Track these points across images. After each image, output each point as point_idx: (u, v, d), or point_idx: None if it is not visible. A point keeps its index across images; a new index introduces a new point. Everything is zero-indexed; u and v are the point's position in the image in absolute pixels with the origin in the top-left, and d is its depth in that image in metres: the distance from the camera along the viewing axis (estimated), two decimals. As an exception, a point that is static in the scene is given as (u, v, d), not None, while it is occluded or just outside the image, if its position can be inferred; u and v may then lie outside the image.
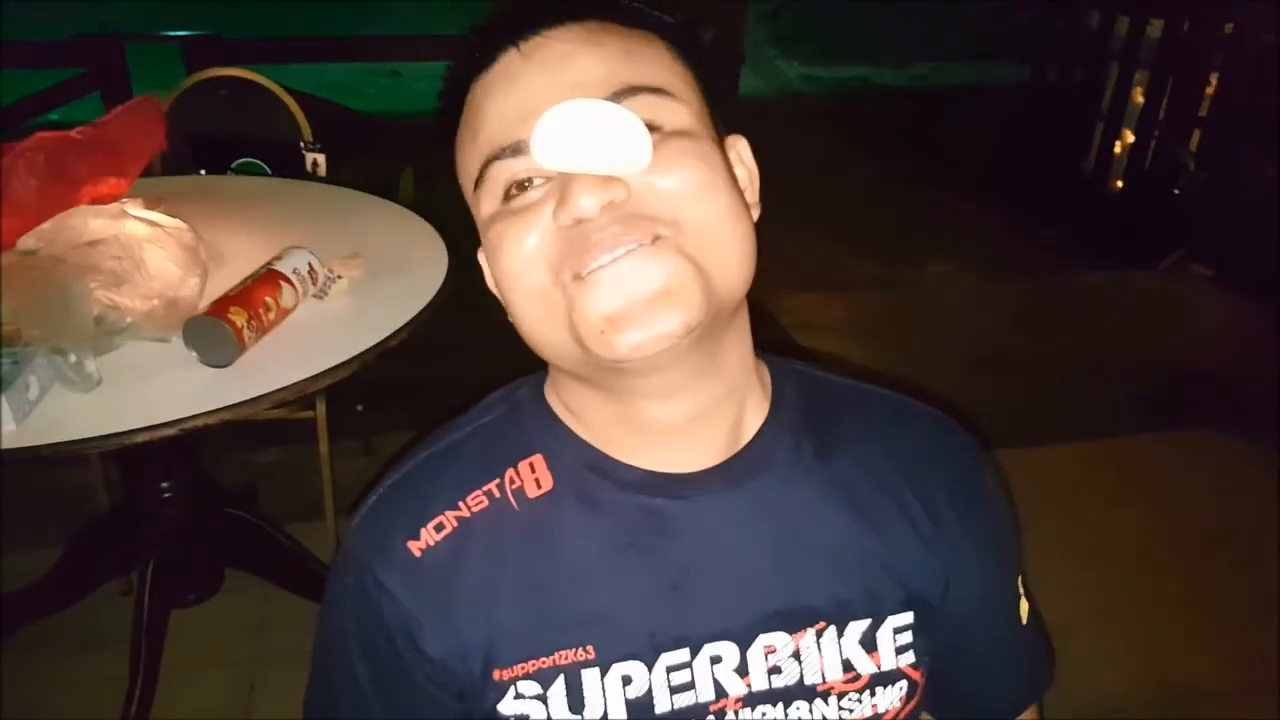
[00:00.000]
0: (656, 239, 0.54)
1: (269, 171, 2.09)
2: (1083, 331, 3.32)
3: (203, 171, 2.06)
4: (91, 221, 1.28)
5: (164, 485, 1.63)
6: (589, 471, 0.64)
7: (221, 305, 1.25)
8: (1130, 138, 4.30)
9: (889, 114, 6.40)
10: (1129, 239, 4.03)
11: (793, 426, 0.67)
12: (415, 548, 0.63)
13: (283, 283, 1.34)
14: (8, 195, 1.54)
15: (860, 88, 7.27)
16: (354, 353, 1.30)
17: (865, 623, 0.65)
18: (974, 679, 0.74)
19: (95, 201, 1.59)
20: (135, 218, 1.30)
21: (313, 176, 2.06)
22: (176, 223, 1.34)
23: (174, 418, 1.13)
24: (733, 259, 0.57)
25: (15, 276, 1.26)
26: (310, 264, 1.40)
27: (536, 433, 0.66)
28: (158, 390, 1.21)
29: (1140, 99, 4.23)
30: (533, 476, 0.64)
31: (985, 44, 6.61)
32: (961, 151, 5.00)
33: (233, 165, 2.09)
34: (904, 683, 0.66)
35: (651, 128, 0.55)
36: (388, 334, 1.35)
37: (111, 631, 1.71)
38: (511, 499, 0.64)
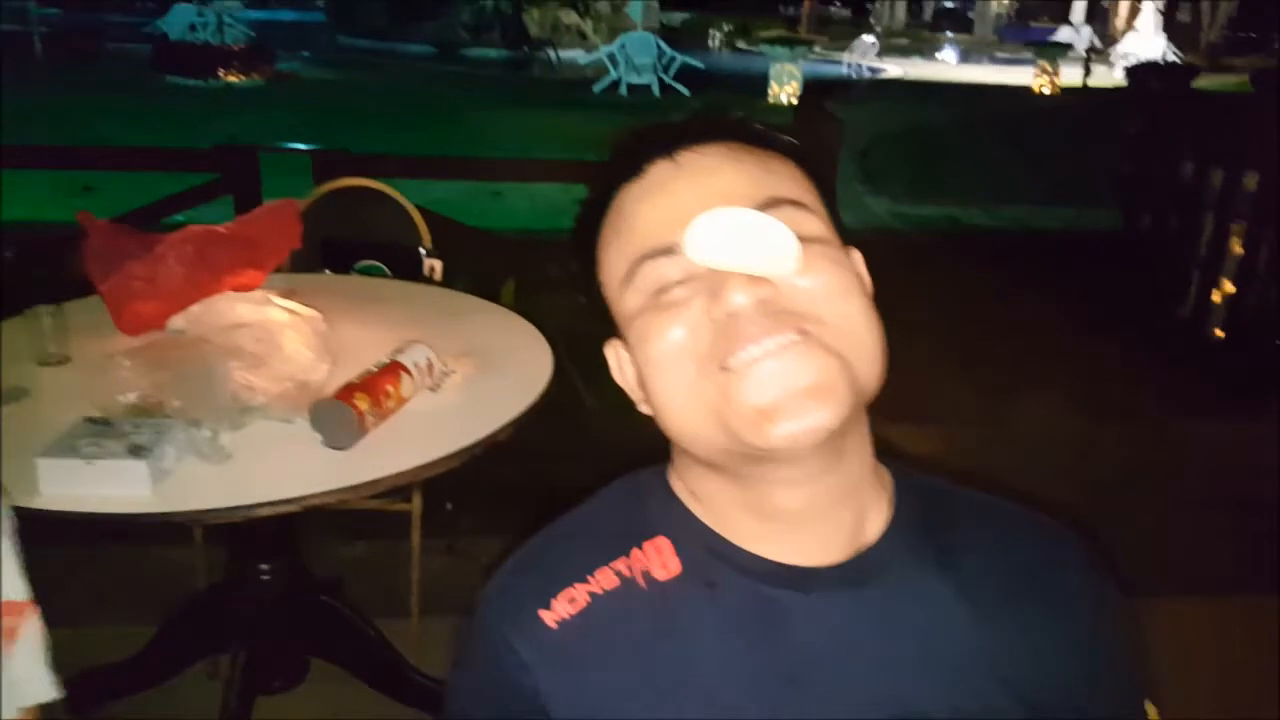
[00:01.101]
0: (804, 333, 0.58)
1: (389, 273, 2.21)
2: (1187, 480, 3.19)
3: (328, 270, 2.20)
4: (237, 306, 1.38)
5: (263, 568, 1.67)
6: (712, 556, 0.65)
7: (347, 391, 1.31)
8: (1229, 287, 4.23)
9: (980, 253, 6.43)
10: (1230, 389, 3.91)
11: (915, 531, 0.67)
12: (547, 618, 0.65)
13: (403, 373, 1.41)
14: (159, 281, 1.68)
15: (950, 227, 7.35)
16: (465, 444, 1.34)
17: None
18: None
19: (217, 292, 1.71)
20: (276, 305, 1.39)
21: (429, 280, 2.18)
22: (311, 312, 1.43)
23: (296, 494, 1.18)
24: (870, 356, 0.61)
25: (164, 353, 1.36)
26: (428, 358, 1.47)
27: (661, 514, 0.69)
28: (281, 467, 1.27)
29: (1238, 249, 4.18)
30: (659, 558, 0.66)
31: (1077, 189, 6.66)
32: (1056, 294, 4.98)
33: (356, 266, 2.23)
34: None
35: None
36: (496, 428, 1.40)
37: (196, 714, 1.72)
38: (640, 579, 0.65)
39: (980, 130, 9.94)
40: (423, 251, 2.20)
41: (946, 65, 18.94)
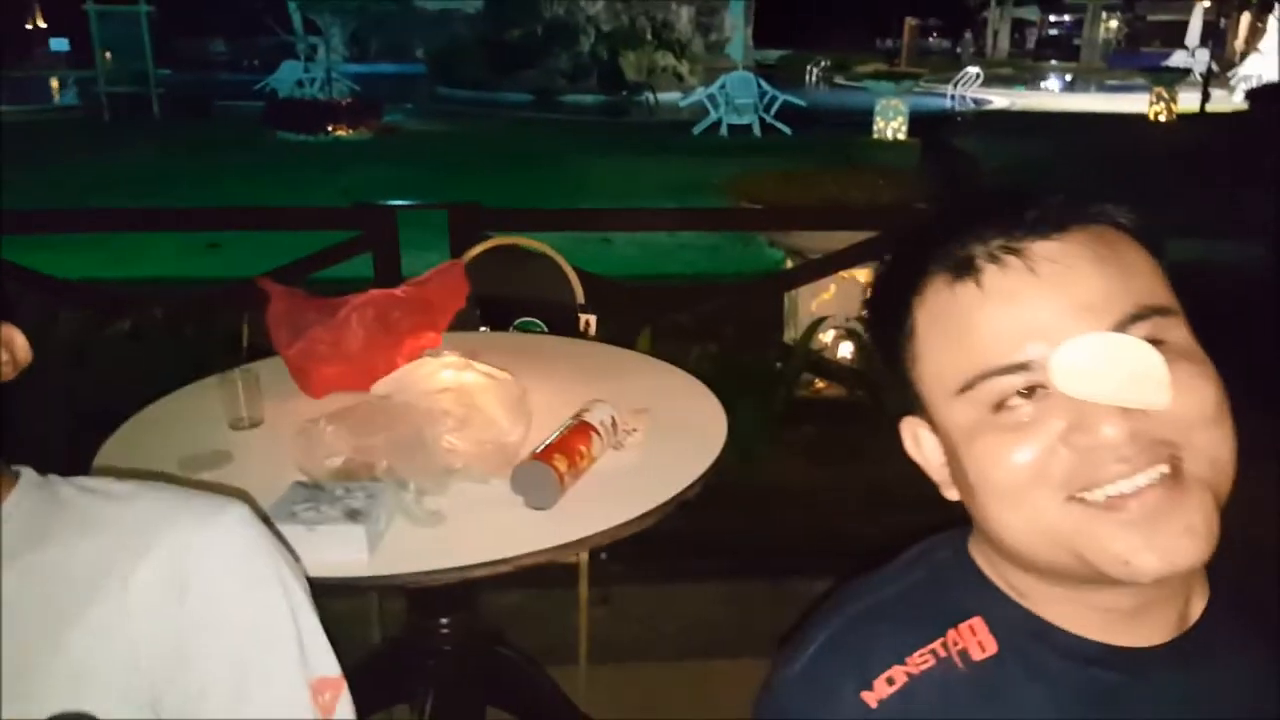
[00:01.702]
0: (1174, 467, 0.55)
1: (546, 330, 2.28)
2: None
3: (485, 329, 2.27)
4: (440, 372, 1.43)
5: (444, 621, 1.71)
6: (1034, 640, 0.63)
7: (546, 452, 1.35)
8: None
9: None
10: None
11: (1232, 603, 0.65)
12: (870, 699, 0.64)
13: (593, 433, 1.44)
14: (342, 345, 1.76)
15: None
16: (659, 501, 1.36)
17: None
18: None
19: (413, 353, 1.79)
20: (474, 368, 1.44)
21: (584, 335, 2.23)
22: (506, 375, 1.48)
23: (509, 555, 1.22)
24: (1232, 472, 0.58)
25: (369, 417, 1.42)
26: (612, 416, 1.50)
27: (972, 595, 0.67)
28: (488, 528, 1.31)
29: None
30: (975, 639, 0.64)
31: (1220, 221, 6.38)
32: (1210, 327, 4.77)
33: (515, 323, 2.30)
34: None
35: (1156, 342, 0.56)
36: (685, 485, 1.41)
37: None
38: (957, 659, 0.64)
39: (1094, 160, 9.62)
40: (578, 307, 2.25)
41: (1052, 94, 18.48)
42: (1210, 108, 14.40)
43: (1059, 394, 0.56)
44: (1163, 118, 13.92)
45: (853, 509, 2.73)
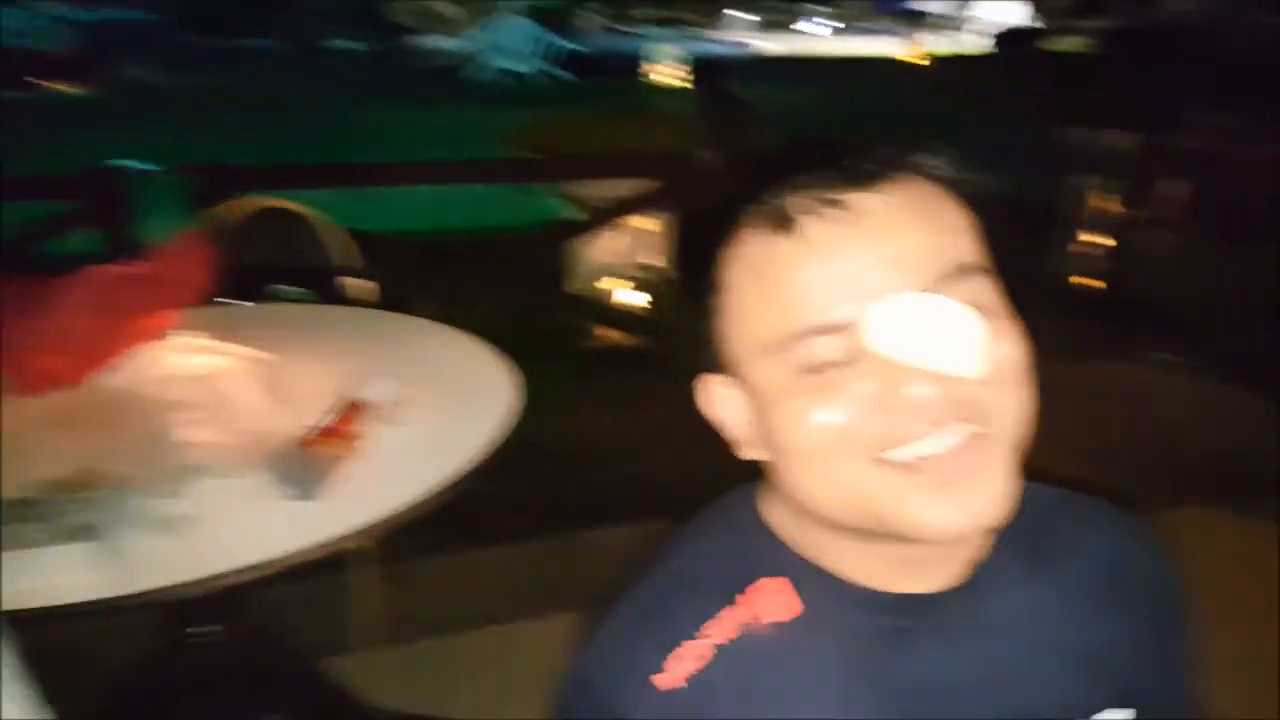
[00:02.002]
0: (978, 424, 0.54)
1: (311, 298, 2.08)
2: (1065, 419, 3.36)
3: (240, 303, 2.04)
4: (172, 355, 1.25)
5: (205, 631, 1.54)
6: (829, 596, 0.63)
7: (312, 436, 1.22)
8: (1105, 241, 4.49)
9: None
10: (1107, 333, 4.15)
11: (1016, 537, 0.66)
12: (661, 681, 0.60)
13: (363, 411, 1.32)
14: (61, 331, 1.52)
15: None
16: (445, 478, 1.27)
17: None
18: None
19: (146, 336, 1.57)
20: (215, 350, 1.27)
21: (354, 301, 2.06)
22: (256, 354, 1.32)
23: (273, 555, 1.09)
24: (1027, 431, 0.58)
25: (92, 415, 1.23)
26: (388, 390, 1.38)
27: (767, 555, 0.65)
28: (248, 528, 1.17)
29: (1111, 204, 4.43)
30: (774, 600, 0.63)
31: (969, 156, 6.92)
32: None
33: (274, 293, 2.08)
34: None
35: (969, 302, 0.55)
36: (474, 456, 1.33)
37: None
38: (754, 624, 0.62)
39: (862, 103, 10.17)
40: (346, 271, 2.07)
41: (822, 39, 19.39)
42: (960, 50, 15.64)
43: (872, 355, 0.54)
44: (919, 60, 15.00)
45: (653, 456, 2.75)
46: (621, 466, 2.73)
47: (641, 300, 3.53)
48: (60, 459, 1.17)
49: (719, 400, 0.65)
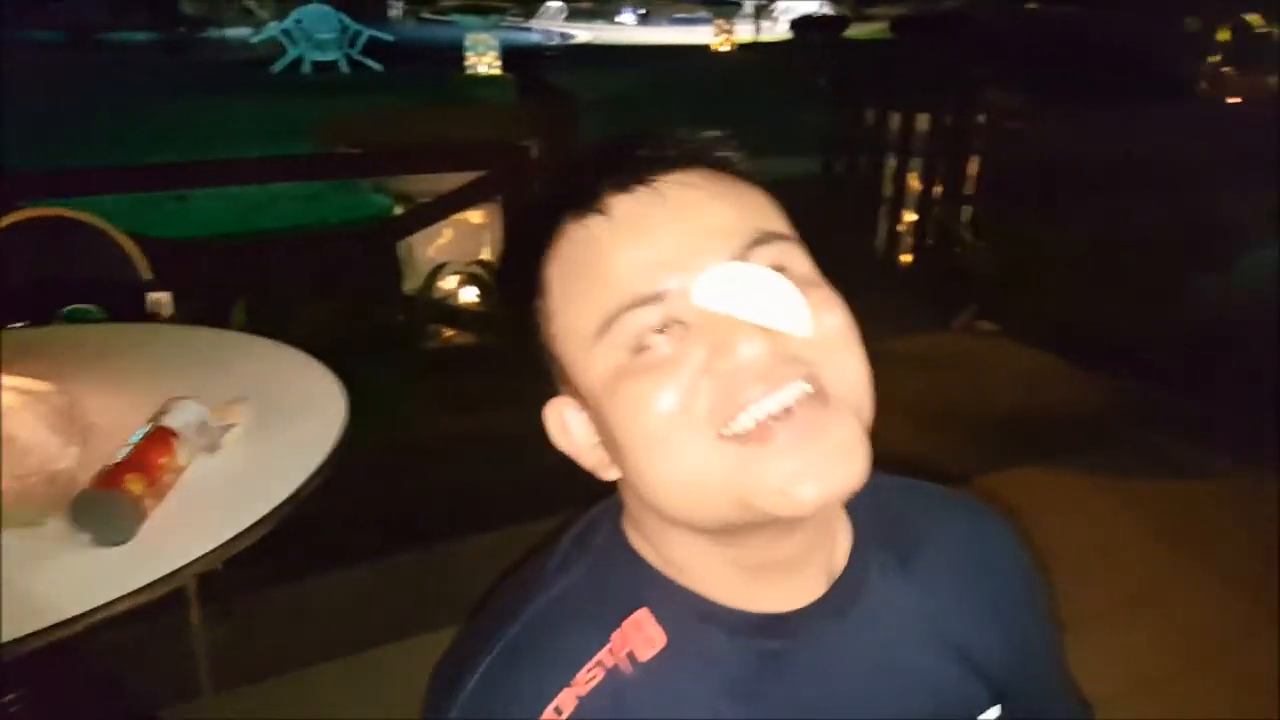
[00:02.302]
0: (813, 381, 0.54)
1: (104, 317, 1.89)
2: (892, 389, 3.57)
3: (19, 325, 1.83)
4: (-61, 395, 1.10)
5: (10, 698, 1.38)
6: (701, 622, 0.61)
7: (112, 474, 1.10)
8: (911, 217, 4.77)
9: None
10: (920, 306, 4.41)
11: (875, 538, 0.67)
12: None
13: (174, 440, 1.21)
14: None
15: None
16: (270, 507, 1.18)
17: None
18: None
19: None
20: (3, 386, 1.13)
21: (155, 318, 1.89)
22: (43, 385, 1.18)
23: (74, 613, 0.98)
24: (870, 397, 0.57)
25: None
26: (198, 415, 1.27)
27: (633, 585, 0.62)
28: (47, 582, 1.04)
29: (917, 183, 4.71)
30: (641, 635, 0.60)
31: (779, 140, 7.16)
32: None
33: (62, 313, 1.88)
34: None
35: (781, 268, 0.56)
36: (300, 482, 1.25)
37: None
38: (625, 664, 0.59)
39: (675, 91, 10.35)
40: (143, 284, 1.90)
41: (630, 28, 19.55)
42: (763, 37, 16.20)
43: (697, 326, 0.54)
44: (725, 48, 15.42)
45: (502, 459, 2.69)
46: (474, 471, 2.66)
47: (478, 296, 3.44)
48: None
49: (566, 426, 0.62)
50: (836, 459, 0.53)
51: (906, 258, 4.84)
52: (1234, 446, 3.03)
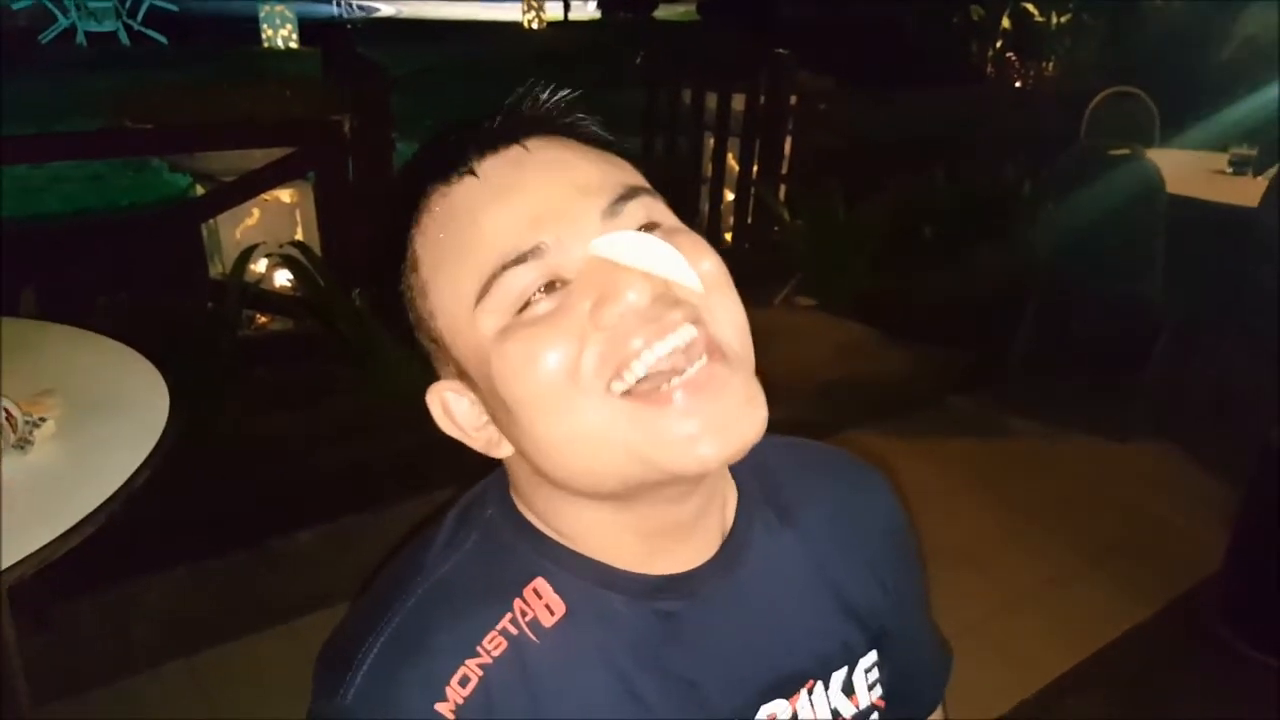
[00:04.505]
0: (703, 334, 0.54)
1: None
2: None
3: None
4: None
5: None
6: (600, 588, 0.61)
7: (-96, 479, 0.98)
8: (730, 195, 4.92)
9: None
10: (742, 283, 4.58)
11: (758, 496, 0.69)
12: (445, 710, 0.56)
13: (-23, 438, 1.09)
14: None
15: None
16: (93, 506, 1.09)
17: (843, 671, 0.69)
18: (908, 689, 0.79)
19: None
20: None
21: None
22: None
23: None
24: (752, 349, 0.58)
25: None
26: (5, 409, 1.15)
27: (530, 554, 0.62)
28: None
29: (734, 162, 4.86)
30: (541, 603, 0.60)
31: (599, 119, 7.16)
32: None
33: None
34: (875, 715, 0.71)
35: (652, 226, 0.57)
36: (126, 477, 1.16)
37: None
38: (529, 632, 0.59)
39: (487, 69, 10.15)
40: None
41: (435, 3, 18.94)
42: (574, 16, 16.18)
43: (580, 278, 0.54)
44: (535, 25, 15.28)
45: (332, 448, 2.58)
46: (302, 462, 2.53)
47: (291, 281, 3.26)
48: None
49: (450, 409, 0.61)
50: (738, 413, 0.54)
51: (727, 235, 4.99)
52: (1040, 406, 3.35)
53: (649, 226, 0.57)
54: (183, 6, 12.16)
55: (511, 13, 15.75)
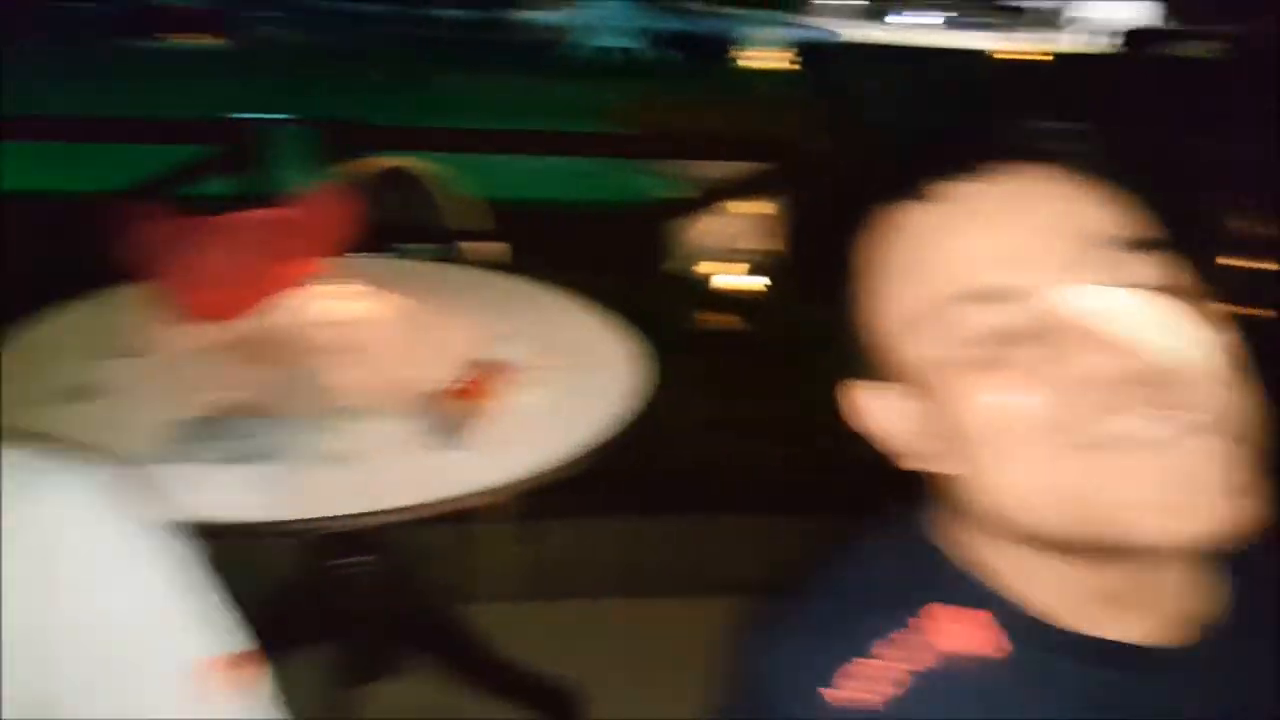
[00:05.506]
0: (1196, 421, 0.48)
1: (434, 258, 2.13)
2: None
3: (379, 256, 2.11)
4: (319, 301, 1.31)
5: (350, 562, 1.60)
6: (1038, 637, 0.56)
7: (451, 389, 1.26)
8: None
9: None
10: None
11: (1260, 599, 0.61)
12: (833, 697, 0.56)
13: (506, 369, 1.36)
14: (214, 268, 1.60)
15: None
16: (575, 446, 1.29)
17: None
18: None
19: (292, 280, 1.64)
20: (359, 298, 1.33)
21: (485, 264, 2.11)
22: (407, 303, 1.37)
23: (432, 498, 1.14)
24: (1263, 439, 0.50)
25: (258, 350, 1.29)
26: (518, 353, 1.42)
27: (946, 583, 0.59)
28: (398, 469, 1.22)
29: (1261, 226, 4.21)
30: (973, 635, 0.56)
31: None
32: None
33: (400, 250, 2.14)
34: None
35: (1152, 288, 0.50)
36: (615, 424, 1.34)
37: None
38: (959, 659, 0.56)
39: (966, 94, 9.82)
40: (477, 234, 2.12)
41: (914, 30, 18.72)
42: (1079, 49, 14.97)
43: (1057, 333, 0.50)
44: (1042, 57, 14.32)
45: (766, 443, 2.70)
46: (742, 454, 2.68)
47: (744, 284, 3.50)
48: (231, 385, 1.24)
49: (873, 409, 0.60)
50: (1221, 490, 0.48)
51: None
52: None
53: (1148, 288, 0.50)
54: (693, 26, 13.51)
55: (996, 42, 15.08)
